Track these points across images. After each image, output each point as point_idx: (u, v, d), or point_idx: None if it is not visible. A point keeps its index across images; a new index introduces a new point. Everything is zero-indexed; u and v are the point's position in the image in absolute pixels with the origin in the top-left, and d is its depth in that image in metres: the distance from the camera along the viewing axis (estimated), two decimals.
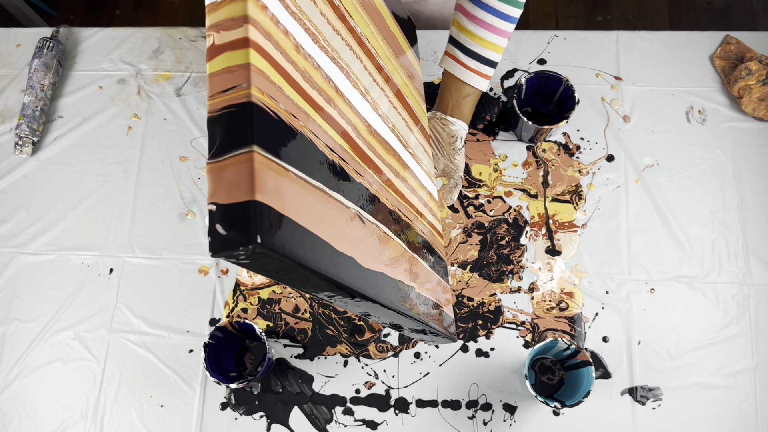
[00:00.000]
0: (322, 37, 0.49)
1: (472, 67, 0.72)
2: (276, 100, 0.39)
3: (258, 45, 0.38)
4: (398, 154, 0.61)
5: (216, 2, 0.39)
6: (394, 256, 0.54)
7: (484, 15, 0.69)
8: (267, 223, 0.34)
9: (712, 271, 0.85)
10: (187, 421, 0.82)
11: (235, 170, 0.35)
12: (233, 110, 0.36)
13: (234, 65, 0.37)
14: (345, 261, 0.43)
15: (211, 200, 0.35)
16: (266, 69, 0.39)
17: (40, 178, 0.95)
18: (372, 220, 0.50)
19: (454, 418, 0.81)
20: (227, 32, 0.38)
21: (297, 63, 0.44)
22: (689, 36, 0.95)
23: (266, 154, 0.36)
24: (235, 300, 0.87)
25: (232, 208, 0.34)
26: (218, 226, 0.34)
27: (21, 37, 1.02)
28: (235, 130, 0.36)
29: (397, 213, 0.57)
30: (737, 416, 0.79)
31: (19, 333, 0.88)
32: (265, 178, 0.35)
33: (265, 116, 0.37)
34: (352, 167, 0.49)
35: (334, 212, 0.44)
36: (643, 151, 0.90)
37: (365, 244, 0.48)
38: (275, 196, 0.36)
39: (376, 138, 0.56)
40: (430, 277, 0.62)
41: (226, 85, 0.37)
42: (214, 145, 0.36)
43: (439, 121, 0.75)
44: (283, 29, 0.42)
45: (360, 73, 0.55)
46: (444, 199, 0.77)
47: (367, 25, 0.59)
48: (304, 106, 0.43)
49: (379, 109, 0.59)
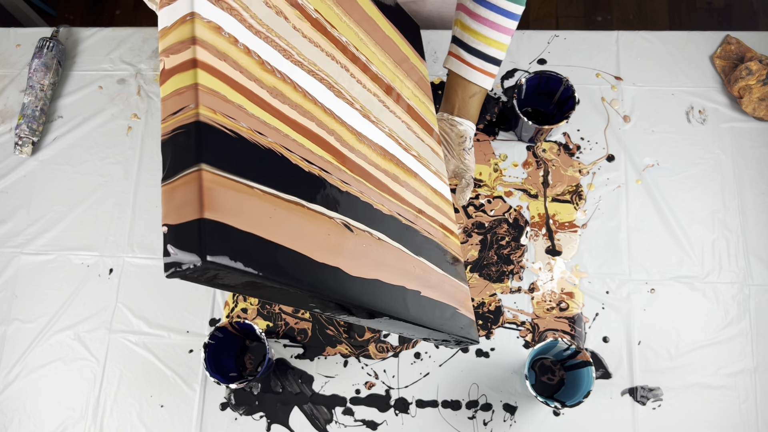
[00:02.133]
0: (296, 52, 0.49)
1: (478, 66, 0.72)
2: (234, 118, 0.39)
3: (208, 65, 0.38)
4: (397, 158, 0.61)
5: (166, 27, 0.39)
6: (393, 261, 0.53)
7: (487, 13, 0.69)
8: (219, 241, 0.34)
9: (712, 271, 0.84)
10: (187, 421, 0.82)
11: (184, 190, 0.35)
12: (182, 131, 0.36)
13: (182, 87, 0.37)
14: (328, 272, 0.43)
15: (164, 222, 0.35)
16: (220, 88, 0.39)
17: (39, 178, 0.95)
18: (363, 228, 0.50)
19: (454, 419, 0.81)
20: (176, 55, 0.38)
21: (263, 80, 0.44)
22: (689, 36, 0.95)
23: (219, 172, 0.36)
24: (235, 300, 0.87)
25: (182, 228, 0.34)
26: (169, 246, 0.34)
27: (21, 37, 1.02)
28: (183, 150, 0.36)
29: (397, 217, 0.57)
30: (737, 416, 0.79)
31: (19, 333, 0.87)
32: (216, 196, 0.35)
33: (220, 135, 0.37)
34: (337, 177, 0.49)
35: (313, 225, 0.44)
36: (643, 151, 0.90)
37: (356, 253, 0.48)
38: (233, 214, 0.36)
39: (367, 145, 0.56)
40: (440, 278, 0.62)
41: (175, 108, 0.37)
42: (165, 168, 0.36)
43: (447, 123, 0.75)
44: (243, 48, 0.42)
45: (347, 83, 0.55)
46: (457, 199, 0.77)
47: (356, 34, 0.59)
48: (273, 122, 0.43)
49: (372, 115, 0.58)
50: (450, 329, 0.59)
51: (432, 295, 0.58)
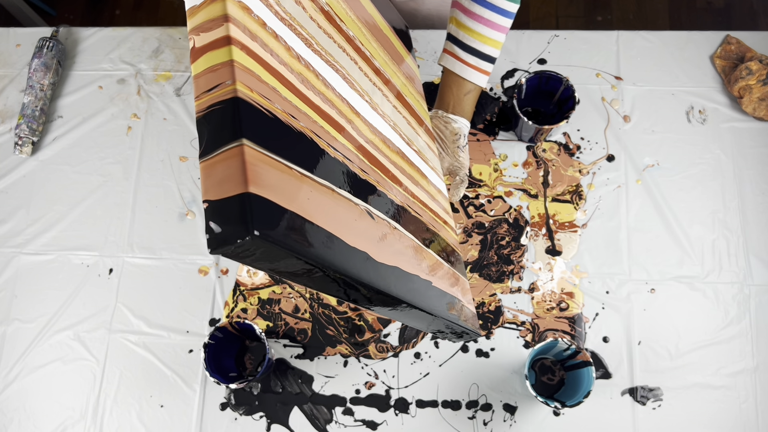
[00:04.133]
0: (315, 42, 0.49)
1: (472, 64, 0.72)
2: (270, 99, 0.39)
3: (242, 43, 0.38)
4: (402, 151, 0.62)
5: (195, 6, 0.39)
6: (407, 251, 0.54)
7: (482, 11, 0.70)
8: (266, 216, 0.34)
9: (712, 271, 0.84)
10: (187, 421, 0.82)
11: (225, 165, 0.34)
12: (219, 107, 0.36)
13: (217, 64, 0.37)
14: (358, 255, 0.43)
15: (204, 198, 0.34)
16: (255, 68, 0.38)
17: (39, 178, 0.95)
18: (382, 217, 0.51)
19: (454, 419, 0.81)
20: (207, 33, 0.38)
21: (291, 65, 0.43)
22: (689, 36, 0.95)
23: (261, 149, 0.35)
24: (235, 300, 0.87)
25: (225, 203, 0.34)
26: (212, 223, 0.34)
27: (21, 37, 1.02)
28: (222, 125, 0.35)
29: (406, 208, 0.57)
30: (737, 416, 0.79)
31: (18, 333, 0.87)
32: (260, 173, 0.35)
33: (257, 113, 0.37)
34: (357, 165, 0.49)
35: (344, 209, 0.44)
36: (643, 151, 0.90)
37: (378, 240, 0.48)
38: (275, 191, 0.35)
39: (378, 137, 0.56)
40: (446, 271, 0.62)
41: (210, 84, 0.36)
42: (203, 144, 0.36)
43: (441, 120, 0.75)
44: (271, 32, 0.42)
45: (358, 76, 0.55)
46: (451, 195, 0.77)
47: (360, 29, 0.60)
48: (303, 107, 0.43)
49: (379, 108, 0.59)
50: (458, 321, 0.60)
51: (441, 286, 0.59)
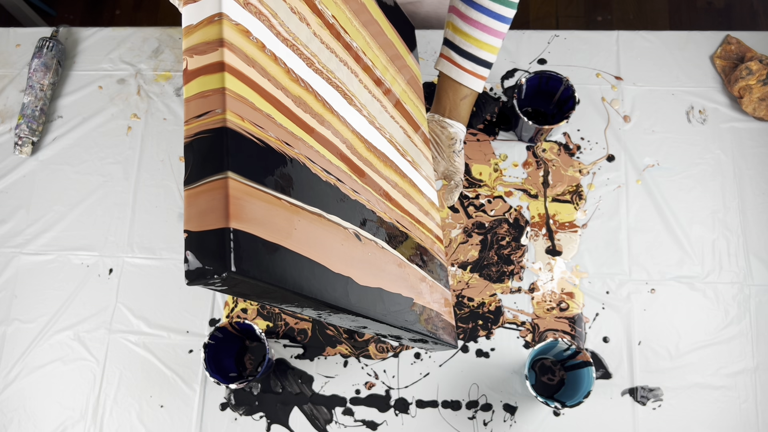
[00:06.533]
0: (317, 60, 0.48)
1: (468, 69, 0.72)
2: (263, 128, 0.38)
3: (236, 70, 0.37)
4: (396, 164, 0.61)
5: (192, 25, 0.38)
6: (392, 269, 0.53)
7: (478, 16, 0.69)
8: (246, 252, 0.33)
9: (712, 271, 0.84)
10: (187, 421, 0.82)
11: (209, 197, 0.34)
12: (207, 135, 0.35)
13: (208, 90, 0.36)
14: (341, 282, 0.43)
15: (186, 227, 0.34)
16: (248, 95, 0.37)
17: (39, 178, 0.95)
18: (370, 237, 0.50)
19: (454, 419, 0.81)
20: (201, 56, 0.37)
21: (289, 89, 0.42)
22: (689, 36, 0.95)
23: (247, 181, 0.35)
24: (235, 300, 0.87)
25: (205, 236, 0.33)
26: (189, 254, 0.33)
27: (21, 37, 1.02)
28: (208, 156, 0.34)
29: (396, 225, 0.57)
30: (737, 416, 0.79)
31: (18, 333, 0.87)
32: (244, 206, 0.34)
33: (246, 143, 0.36)
34: (349, 186, 0.49)
35: (331, 235, 0.43)
36: (643, 151, 0.90)
37: (363, 262, 0.48)
38: (259, 225, 0.35)
39: (373, 153, 0.56)
40: (429, 285, 0.62)
41: (200, 111, 0.36)
42: (188, 171, 0.35)
43: (438, 124, 0.75)
44: (270, 55, 0.41)
45: (357, 90, 0.55)
46: (444, 199, 0.77)
47: (363, 38, 0.59)
48: (299, 132, 0.43)
49: (376, 121, 0.58)
50: (436, 335, 0.60)
51: (422, 302, 0.59)
